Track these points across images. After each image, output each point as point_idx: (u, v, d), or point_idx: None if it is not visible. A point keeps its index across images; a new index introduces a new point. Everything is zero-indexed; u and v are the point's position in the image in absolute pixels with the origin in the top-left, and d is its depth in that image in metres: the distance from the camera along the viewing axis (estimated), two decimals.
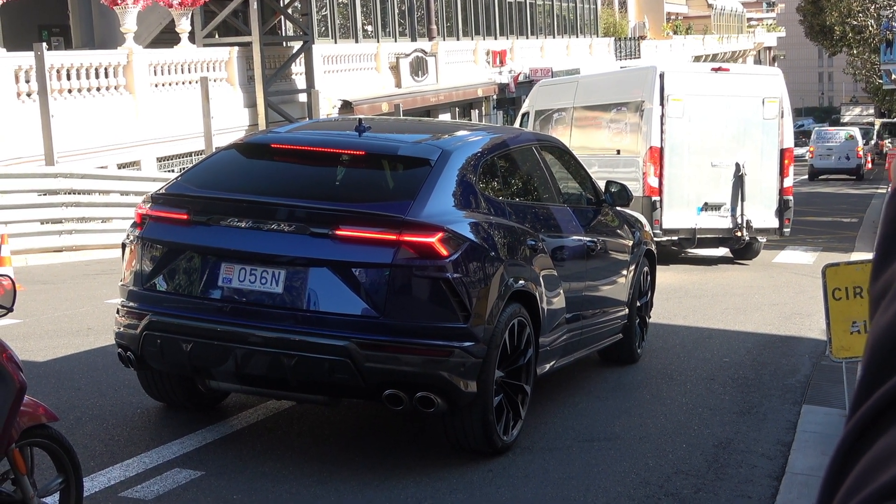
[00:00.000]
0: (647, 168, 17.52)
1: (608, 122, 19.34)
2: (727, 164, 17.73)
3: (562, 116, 21.07)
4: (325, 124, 9.39)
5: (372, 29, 37.83)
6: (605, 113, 19.53)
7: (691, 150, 17.60)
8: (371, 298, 6.44)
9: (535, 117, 21.87)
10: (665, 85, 17.47)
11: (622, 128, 18.74)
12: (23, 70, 20.24)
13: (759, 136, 17.87)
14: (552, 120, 21.34)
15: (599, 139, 19.57)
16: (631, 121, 18.37)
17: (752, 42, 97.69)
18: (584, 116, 20.36)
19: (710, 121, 17.65)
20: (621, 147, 18.65)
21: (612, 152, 18.89)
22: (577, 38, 57.48)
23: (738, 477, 7.02)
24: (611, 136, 19.16)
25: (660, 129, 17.44)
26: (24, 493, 4.91)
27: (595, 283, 8.98)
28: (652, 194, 17.56)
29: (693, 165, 17.66)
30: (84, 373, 8.96)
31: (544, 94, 22.68)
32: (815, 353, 11.01)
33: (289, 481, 6.51)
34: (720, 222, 17.84)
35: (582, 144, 19.53)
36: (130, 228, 7.20)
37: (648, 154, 17.53)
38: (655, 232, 17.16)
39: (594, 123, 19.98)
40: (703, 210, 17.80)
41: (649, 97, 17.63)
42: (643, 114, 17.78)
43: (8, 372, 4.66)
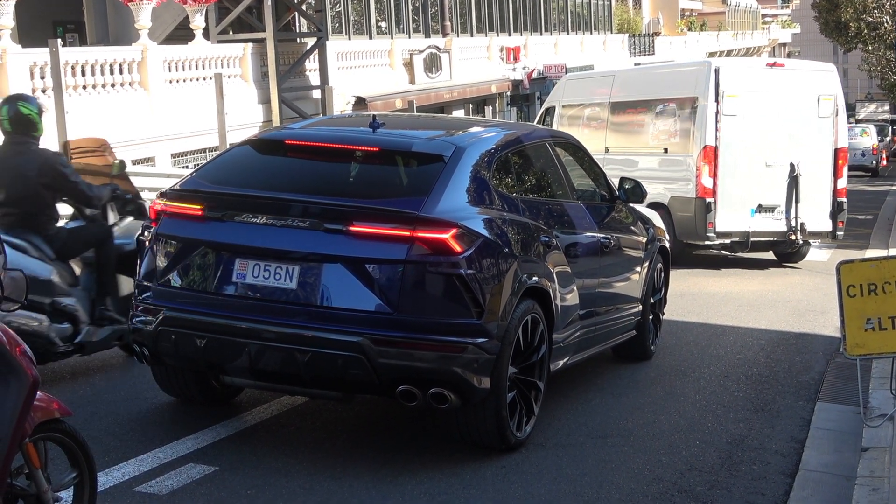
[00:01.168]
0: (701, 168, 16.84)
1: (653, 119, 18.54)
2: (781, 164, 17.06)
3: (595, 112, 20.25)
4: (339, 121, 9.39)
5: (386, 25, 37.83)
6: (650, 110, 18.70)
7: (745, 149, 16.93)
8: (385, 294, 6.44)
9: (562, 112, 21.15)
10: (720, 81, 16.76)
11: (670, 125, 18.00)
12: (38, 66, 20.29)
13: (814, 134, 17.22)
14: (583, 115, 20.62)
15: (642, 137, 18.84)
16: (681, 118, 17.63)
17: (767, 38, 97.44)
18: (624, 112, 19.46)
19: (764, 119, 16.96)
20: (669, 145, 17.93)
21: (659, 151, 18.17)
22: (591, 35, 57.39)
23: (751, 474, 7.01)
24: (657, 134, 18.40)
25: (714, 127, 16.74)
26: (38, 488, 4.92)
27: (609, 280, 8.97)
28: (706, 195, 16.87)
29: (747, 165, 16.99)
30: (98, 368, 8.99)
31: (572, 88, 21.73)
32: (829, 351, 10.98)
33: (302, 476, 6.52)
34: (774, 225, 17.20)
35: (621, 142, 19.15)
36: (145, 224, 7.22)
37: (702, 153, 16.81)
38: (709, 235, 16.83)
39: (636, 120, 19.14)
40: (757, 212, 17.13)
41: (703, 93, 16.92)
42: (696, 111, 17.06)
43: (21, 366, 4.68)
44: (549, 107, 21.92)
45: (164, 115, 23.30)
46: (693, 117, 17.16)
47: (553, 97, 22.16)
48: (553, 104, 21.73)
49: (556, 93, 22.10)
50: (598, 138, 19.35)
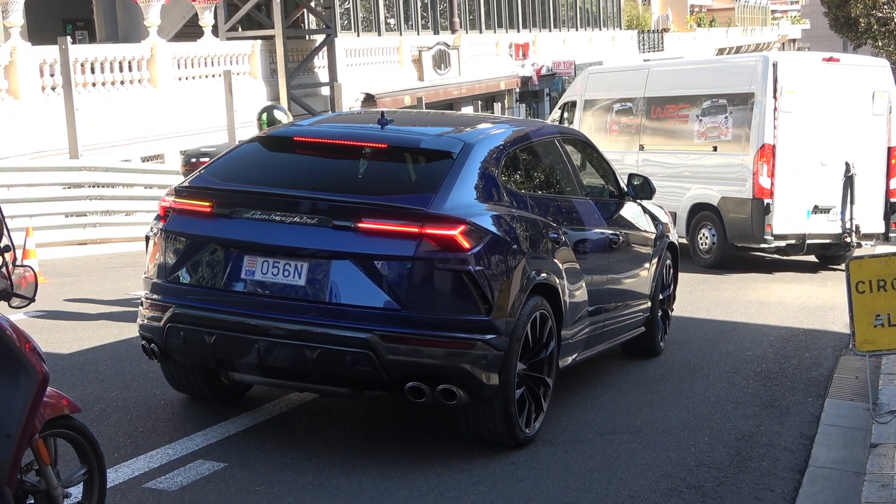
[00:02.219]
0: (759, 167, 16.22)
1: (699, 116, 17.71)
2: (837, 164, 16.50)
3: (626, 107, 19.40)
4: (348, 117, 9.40)
5: (395, 22, 37.84)
6: (695, 106, 17.85)
7: (801, 147, 16.39)
8: (393, 291, 6.44)
9: (585, 107, 20.34)
10: (778, 76, 16.21)
11: (720, 122, 17.25)
12: (47, 64, 20.36)
13: (868, 132, 16.71)
14: (611, 111, 19.77)
15: (685, 134, 18.11)
16: (734, 115, 16.92)
17: (777, 34, 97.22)
18: (662, 108, 18.63)
19: (820, 116, 16.44)
20: (719, 144, 17.24)
21: (706, 149, 17.50)
22: (600, 31, 57.36)
23: (760, 470, 7.00)
24: (703, 132, 17.64)
25: (772, 124, 16.17)
26: (48, 484, 4.94)
27: (617, 276, 8.96)
28: (763, 196, 16.27)
29: (803, 165, 16.43)
30: (108, 364, 9.01)
31: (597, 82, 20.72)
32: (838, 347, 10.97)
33: (311, 472, 6.53)
34: (829, 227, 16.64)
35: (659, 139, 18.62)
36: (154, 221, 7.22)
37: (760, 152, 16.19)
38: (766, 238, 16.32)
39: (677, 117, 18.30)
40: (813, 213, 16.56)
41: (761, 89, 16.31)
42: (752, 107, 16.42)
43: (31, 363, 4.69)
44: (568, 102, 21.16)
45: (174, 112, 23.35)
46: (748, 114, 16.54)
47: (572, 92, 21.41)
48: (573, 99, 20.99)
49: (577, 87, 21.25)
50: (630, 135, 19.05)
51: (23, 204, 17.33)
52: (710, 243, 17.44)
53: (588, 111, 20.25)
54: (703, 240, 17.59)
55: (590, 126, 19.63)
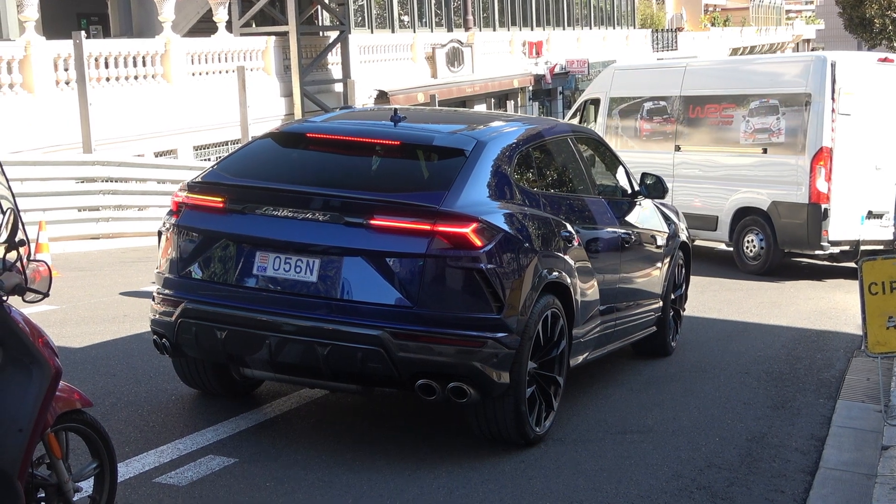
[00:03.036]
0: (816, 171, 15.71)
1: (746, 116, 17.07)
2: (890, 168, 16.02)
3: (659, 106, 18.68)
4: (361, 114, 9.40)
5: (408, 19, 37.84)
6: (741, 105, 17.21)
7: (857, 151, 15.94)
8: (405, 288, 6.44)
9: (611, 105, 19.59)
10: (836, 76, 15.76)
11: (771, 123, 16.65)
12: (62, 58, 20.40)
13: None
14: (642, 109, 19.02)
15: (730, 135, 17.39)
16: (788, 115, 16.36)
17: (791, 34, 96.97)
18: (702, 108, 17.88)
19: (875, 118, 15.98)
20: (770, 146, 16.64)
21: (754, 151, 16.91)
22: (614, 30, 57.28)
23: (771, 471, 6.98)
24: (751, 133, 17.01)
25: (830, 126, 15.70)
26: (59, 478, 4.95)
27: (629, 276, 8.95)
28: (820, 201, 15.75)
29: (858, 169, 15.96)
30: (119, 359, 9.03)
31: (624, 79, 19.96)
32: (850, 348, 10.94)
33: (321, 469, 6.53)
34: (882, 232, 15.99)
35: (698, 140, 17.96)
36: (166, 216, 7.23)
37: (818, 155, 15.70)
38: (822, 245, 15.85)
39: (721, 117, 17.58)
40: (867, 218, 16.09)
41: (818, 89, 15.82)
42: (808, 108, 15.94)
43: (44, 357, 4.71)
44: (591, 99, 20.47)
45: (187, 107, 23.39)
46: (803, 115, 16.06)
47: (595, 89, 20.64)
48: (595, 96, 20.28)
49: (601, 84, 20.47)
50: (664, 135, 18.49)
51: (36, 198, 17.37)
52: (759, 249, 16.89)
53: (614, 109, 19.59)
54: (750, 245, 17.05)
55: (616, 124, 19.35)
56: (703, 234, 17.76)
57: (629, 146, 18.71)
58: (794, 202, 16.18)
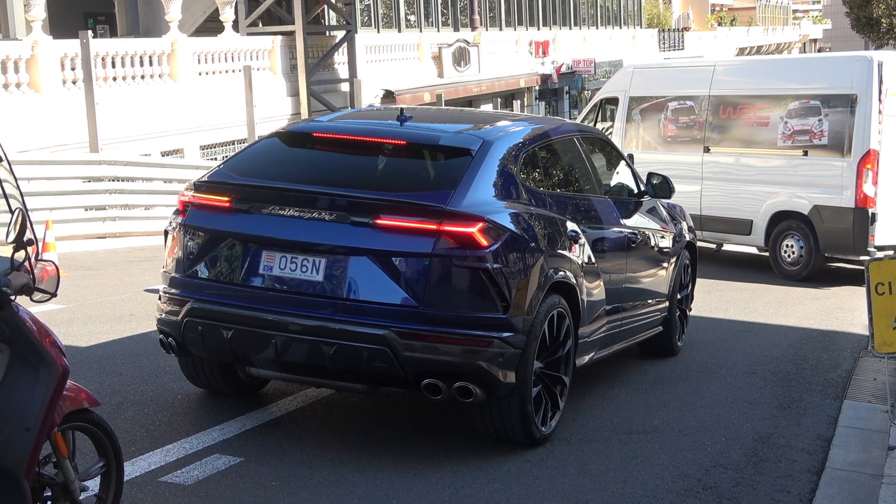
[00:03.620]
0: (863, 174, 15.24)
1: (783, 117, 16.49)
2: None
3: (686, 106, 18.04)
4: (367, 114, 9.40)
5: (415, 18, 37.85)
6: (778, 106, 16.63)
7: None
8: (411, 288, 6.45)
9: (630, 105, 18.91)
10: (883, 77, 15.30)
11: (813, 124, 16.10)
12: (68, 57, 20.43)
13: None
14: (666, 109, 18.35)
15: (766, 136, 16.80)
16: (831, 117, 15.83)
17: (798, 34, 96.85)
18: (734, 108, 17.31)
19: None
20: (810, 148, 16.12)
21: (794, 153, 16.37)
22: (621, 29, 57.26)
23: (777, 471, 6.98)
24: (789, 134, 16.43)
25: (877, 128, 15.24)
26: (65, 477, 4.96)
27: (635, 275, 8.95)
28: (867, 205, 15.29)
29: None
30: (126, 358, 9.04)
31: (644, 78, 19.24)
32: (856, 348, 10.93)
33: (327, 468, 6.54)
34: None
35: (729, 141, 17.35)
36: (173, 215, 7.23)
37: (864, 158, 15.24)
38: (869, 250, 15.25)
39: (755, 117, 17.01)
40: None
41: (865, 90, 15.34)
42: (854, 110, 15.43)
43: (51, 356, 4.71)
44: (607, 98, 19.83)
45: (194, 106, 23.41)
46: (848, 117, 15.58)
47: (613, 88, 19.98)
48: (613, 95, 19.62)
49: (619, 83, 19.74)
50: (691, 136, 17.93)
51: (43, 197, 17.39)
52: (798, 254, 16.45)
53: (634, 109, 18.93)
54: (789, 251, 16.59)
55: (637, 125, 18.86)
56: (734, 238, 17.50)
57: (652, 147, 18.48)
58: (838, 206, 15.70)
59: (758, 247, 17.50)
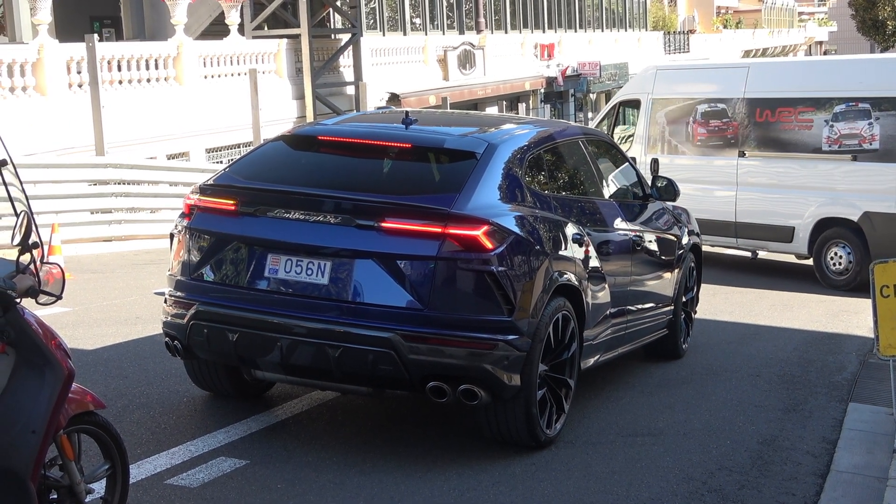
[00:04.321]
0: None
1: (829, 121, 15.87)
2: None
3: (717, 109, 17.31)
4: (372, 117, 9.41)
5: (420, 22, 37.86)
6: (823, 109, 16.00)
7: None
8: (416, 291, 6.45)
9: (654, 107, 18.17)
10: None
11: (862, 128, 15.53)
12: (74, 61, 20.46)
13: None
14: (695, 112, 17.58)
15: (809, 140, 16.19)
16: (882, 121, 15.30)
17: (804, 36, 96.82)
18: (773, 111, 16.59)
19: None
20: (860, 153, 15.58)
21: (841, 157, 15.78)
22: (626, 32, 57.23)
23: (782, 474, 6.98)
24: (836, 139, 15.84)
25: None
26: (71, 479, 4.97)
27: (640, 278, 8.95)
28: None
29: None
30: (131, 361, 9.05)
31: (669, 80, 18.48)
32: (862, 351, 10.92)
33: (332, 471, 6.54)
34: None
35: (768, 145, 16.72)
36: (178, 219, 7.25)
37: None
38: None
39: (797, 121, 16.31)
40: None
41: None
42: None
43: (56, 359, 4.73)
44: (627, 100, 19.23)
45: (199, 110, 23.43)
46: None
47: (633, 90, 19.29)
48: (633, 97, 18.94)
49: (641, 85, 19.02)
50: (724, 140, 17.24)
51: (49, 200, 17.43)
52: (846, 264, 15.93)
53: (658, 112, 18.18)
54: (836, 260, 16.07)
55: (661, 128, 18.11)
56: (772, 245, 16.92)
57: (680, 151, 17.86)
58: (892, 213, 15.23)
59: (797, 254, 16.93)
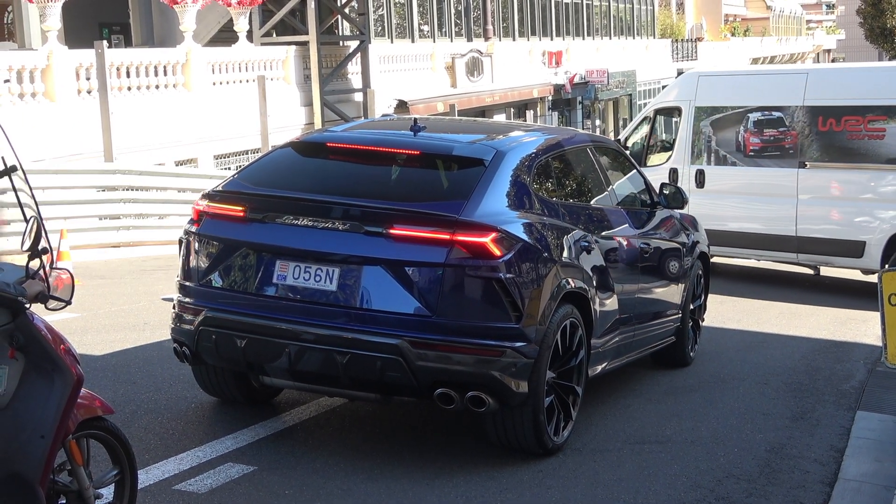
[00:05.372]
0: None
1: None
2: None
3: (772, 117, 16.44)
4: (381, 123, 9.43)
5: (428, 29, 37.91)
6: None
7: None
8: (424, 297, 6.46)
9: (697, 116, 17.19)
10: None
11: None
12: (83, 67, 20.51)
13: None
14: (746, 121, 16.68)
15: (880, 150, 15.41)
16: None
17: (811, 44, 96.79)
18: (837, 120, 15.76)
19: None
20: None
21: None
22: (634, 40, 57.26)
23: (790, 482, 6.97)
24: None
25: None
26: (80, 484, 4.98)
27: (648, 286, 8.95)
28: None
29: None
30: (140, 367, 9.07)
31: (717, 87, 17.60)
32: (870, 359, 10.90)
33: (340, 477, 6.55)
34: None
35: (833, 155, 15.88)
36: (187, 225, 7.26)
37: None
38: None
39: (867, 130, 15.50)
40: None
41: None
42: None
43: (65, 365, 4.74)
44: (664, 108, 18.30)
45: (208, 116, 23.47)
46: None
47: (672, 97, 18.34)
48: (673, 105, 18.01)
49: (681, 92, 17.99)
50: (782, 150, 16.37)
51: (58, 206, 17.44)
52: None
53: (703, 120, 17.20)
54: None
55: (707, 138, 17.15)
56: (839, 261, 16.16)
57: (729, 162, 16.95)
58: None
59: (863, 269, 16.29)
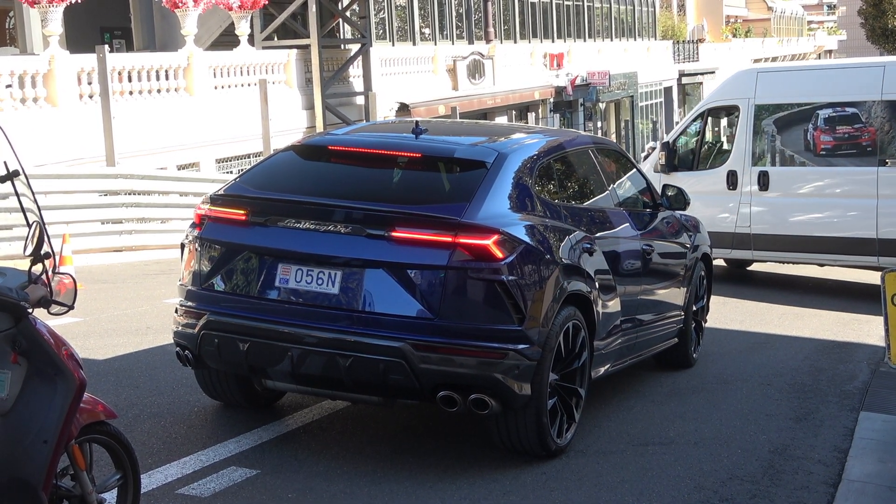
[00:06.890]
0: None
1: None
2: None
3: (847, 114, 15.59)
4: (382, 126, 9.43)
5: (429, 31, 37.91)
6: None
7: None
8: (426, 300, 6.46)
9: (758, 115, 16.18)
10: None
11: None
12: (85, 72, 20.52)
13: None
14: (815, 118, 15.79)
15: None
16: None
17: (813, 45, 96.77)
18: None
19: None
20: None
21: None
22: (635, 41, 57.24)
23: (793, 483, 6.96)
24: None
25: None
26: (83, 489, 4.98)
27: (651, 287, 8.94)
28: None
29: None
30: (143, 371, 9.07)
31: (777, 84, 16.49)
32: (873, 360, 10.89)
33: (343, 481, 6.55)
34: None
35: None
36: (189, 229, 7.27)
37: None
38: None
39: None
40: None
41: None
42: None
43: (68, 369, 4.74)
44: (718, 107, 17.37)
45: (209, 120, 23.47)
46: None
47: (727, 95, 17.15)
48: (729, 103, 16.95)
49: (737, 89, 16.82)
50: (859, 148, 15.60)
51: (60, 210, 17.47)
52: None
53: (765, 118, 16.20)
54: None
55: (770, 137, 16.22)
56: None
57: (798, 162, 16.05)
58: None
59: None
